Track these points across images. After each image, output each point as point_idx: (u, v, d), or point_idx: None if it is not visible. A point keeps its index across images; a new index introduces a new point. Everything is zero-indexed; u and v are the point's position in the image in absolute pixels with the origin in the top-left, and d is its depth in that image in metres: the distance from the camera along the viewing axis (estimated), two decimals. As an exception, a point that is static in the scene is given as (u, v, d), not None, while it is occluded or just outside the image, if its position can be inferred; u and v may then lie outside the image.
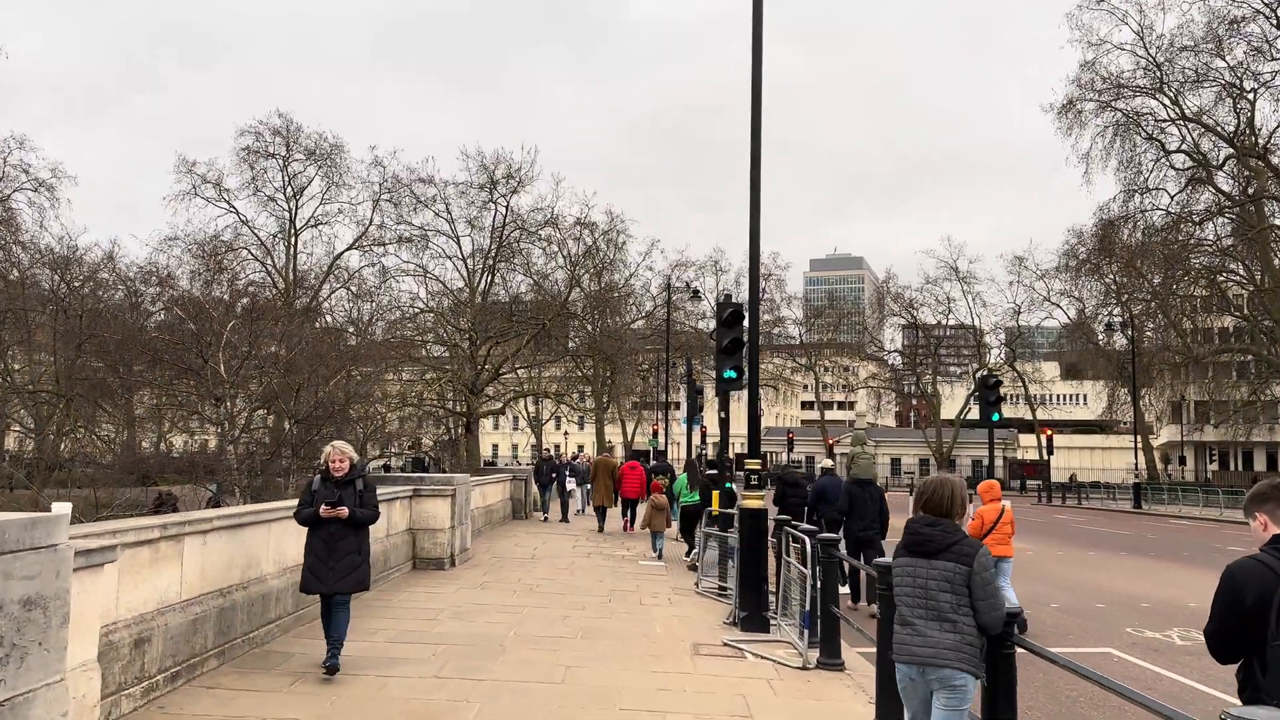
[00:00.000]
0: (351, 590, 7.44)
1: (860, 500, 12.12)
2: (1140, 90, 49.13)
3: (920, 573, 4.30)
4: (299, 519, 7.51)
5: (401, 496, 13.27)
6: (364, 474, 7.73)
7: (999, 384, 22.60)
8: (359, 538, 7.50)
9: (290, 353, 34.17)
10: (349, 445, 7.79)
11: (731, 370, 12.81)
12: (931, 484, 4.59)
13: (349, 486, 7.50)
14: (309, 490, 7.57)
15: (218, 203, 57.22)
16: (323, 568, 7.33)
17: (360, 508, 7.46)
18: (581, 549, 17.70)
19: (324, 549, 7.35)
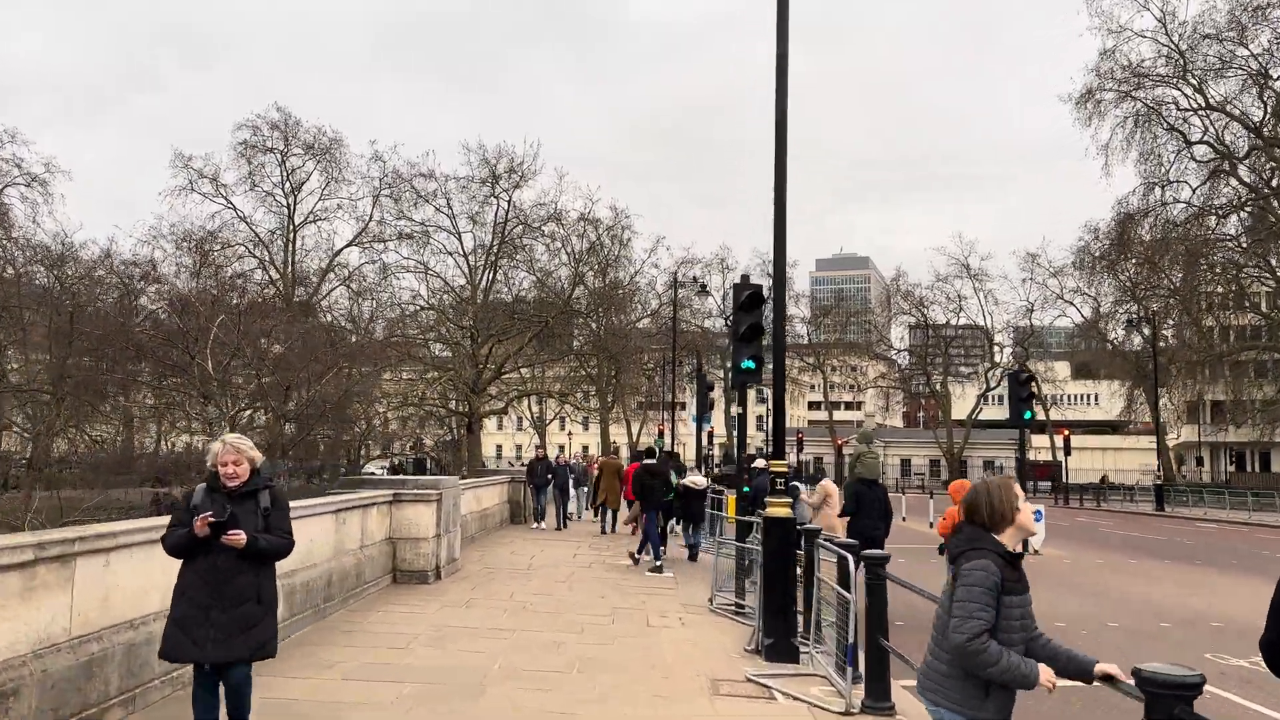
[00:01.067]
0: (247, 658, 5.00)
1: (867, 499, 11.78)
2: (1162, 79, 47.64)
3: (946, 583, 3.85)
4: (167, 545, 5.01)
5: (379, 502, 11.84)
6: (272, 484, 5.33)
7: (1031, 379, 21.16)
8: (259, 578, 5.02)
9: (281, 349, 32.88)
10: (249, 442, 5.24)
11: (750, 360, 11.41)
12: (968, 495, 3.94)
13: (249, 501, 5.07)
14: (186, 505, 5.09)
15: (214, 198, 55.93)
16: (200, 621, 4.84)
17: (263, 533, 5.03)
18: (583, 558, 16.26)
19: (204, 592, 4.86)
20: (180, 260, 41.45)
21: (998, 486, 3.86)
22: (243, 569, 4.94)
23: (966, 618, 3.52)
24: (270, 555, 5.10)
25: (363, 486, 12.46)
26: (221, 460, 5.09)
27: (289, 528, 5.24)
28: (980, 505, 3.79)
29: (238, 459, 5.10)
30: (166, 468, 32.74)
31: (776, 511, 8.90)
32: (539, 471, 22.79)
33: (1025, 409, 20.57)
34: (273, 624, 5.09)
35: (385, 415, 53.81)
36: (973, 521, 3.80)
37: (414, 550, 12.31)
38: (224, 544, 4.84)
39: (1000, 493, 3.81)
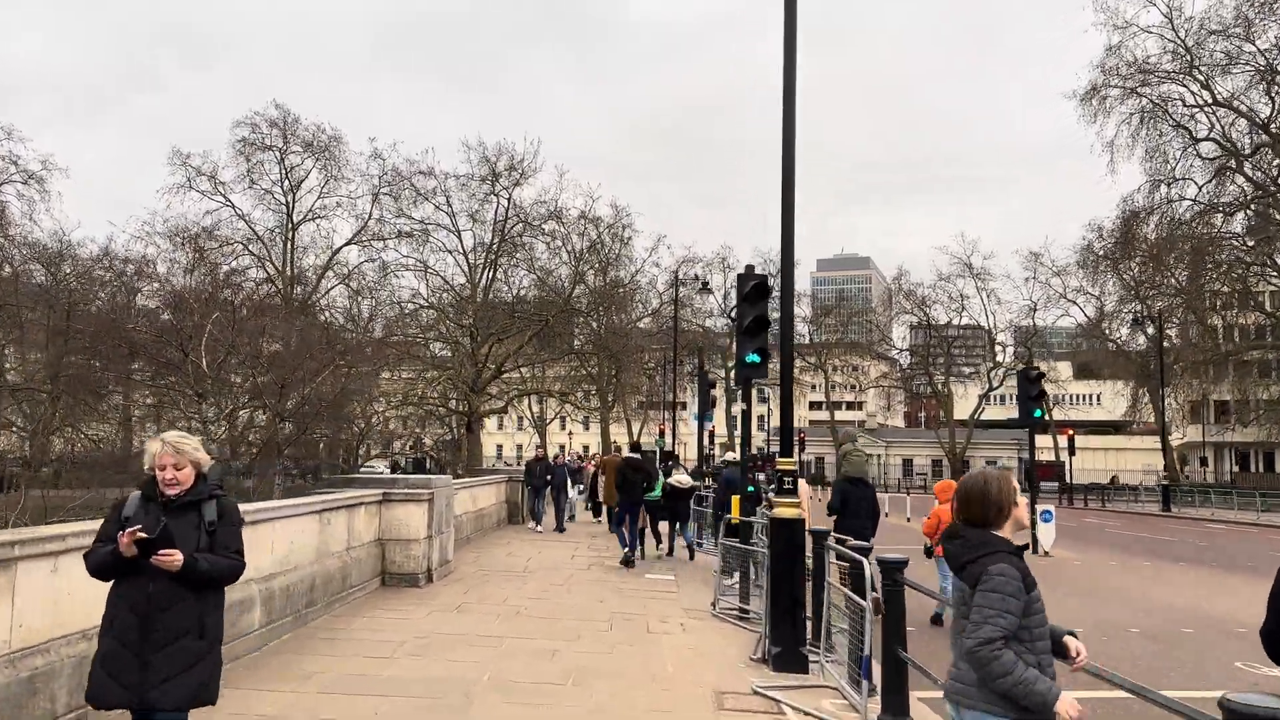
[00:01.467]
0: (184, 705, 4.00)
1: (854, 498, 11.63)
2: (1168, 75, 47.07)
3: (955, 592, 3.59)
4: (89, 565, 4.05)
5: (368, 502, 11.33)
6: (221, 493, 4.25)
7: (1041, 376, 20.58)
8: (202, 608, 4.03)
9: (276, 345, 32.36)
10: (194, 441, 4.28)
11: (755, 354, 10.87)
12: (964, 485, 3.67)
13: (190, 514, 4.07)
14: (116, 515, 4.12)
15: (213, 196, 55.49)
16: (127, 660, 3.92)
17: (206, 552, 4.02)
18: (581, 559, 15.75)
19: (133, 625, 3.93)
20: (174, 257, 40.89)
21: (995, 478, 3.56)
22: (181, 596, 3.95)
23: (981, 623, 3.29)
24: (213, 580, 4.05)
25: (351, 485, 11.96)
26: (159, 463, 4.09)
27: (239, 546, 4.20)
28: (975, 499, 3.52)
29: (178, 461, 4.08)
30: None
31: (784, 512, 8.39)
32: (537, 472, 21.91)
33: (1035, 407, 20.05)
34: (215, 663, 4.12)
35: (384, 414, 53.37)
36: (971, 521, 3.52)
37: (404, 552, 11.80)
38: (156, 566, 3.86)
39: (997, 484, 3.53)
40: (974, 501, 3.51)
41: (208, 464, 4.25)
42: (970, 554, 3.41)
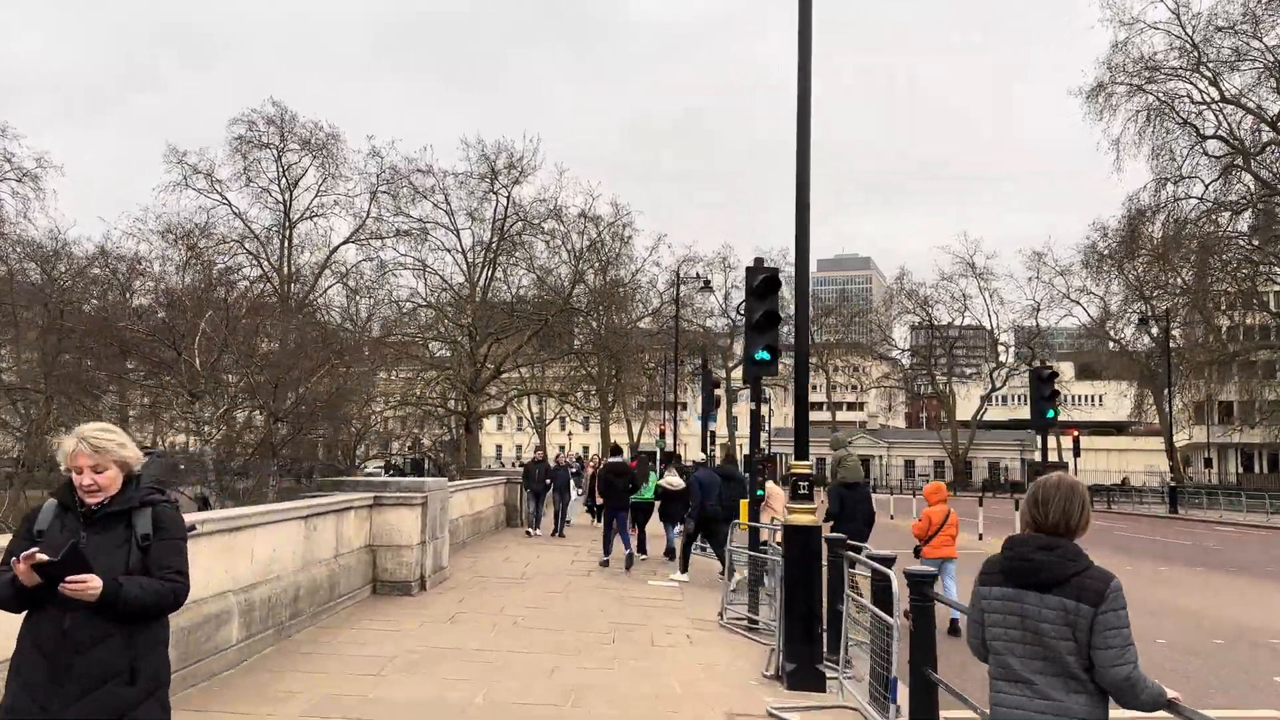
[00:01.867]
0: None
1: (850, 502, 11.78)
2: (1175, 72, 46.56)
3: (1030, 610, 3.17)
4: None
5: (357, 506, 10.78)
6: (161, 498, 3.35)
7: (1054, 376, 20.02)
8: (133, 645, 3.16)
9: (271, 344, 31.83)
10: (120, 436, 3.33)
11: (765, 351, 10.34)
12: (1047, 488, 3.32)
13: (116, 526, 3.23)
14: (27, 530, 3.26)
15: (209, 194, 54.95)
16: (32, 712, 3.08)
17: (139, 574, 3.17)
18: (581, 564, 15.20)
19: (42, 669, 3.09)
20: (167, 254, 40.29)
21: (1082, 488, 3.33)
22: (105, 632, 3.09)
23: (1124, 646, 3.06)
24: (147, 609, 3.15)
25: (341, 489, 11.42)
26: (73, 464, 3.23)
27: (181, 565, 3.28)
28: (1071, 505, 3.24)
29: (97, 462, 3.21)
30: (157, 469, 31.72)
31: (800, 518, 7.85)
32: (537, 475, 20.74)
33: (1048, 408, 19.48)
34: (154, 715, 3.21)
35: (382, 415, 52.84)
36: (1056, 529, 3.23)
37: (396, 559, 11.25)
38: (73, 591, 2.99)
39: (1085, 496, 3.31)
40: (1069, 507, 3.23)
41: (139, 463, 3.35)
42: (1074, 566, 3.13)
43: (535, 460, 21.63)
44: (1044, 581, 3.14)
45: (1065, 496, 3.24)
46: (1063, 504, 3.23)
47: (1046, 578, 3.14)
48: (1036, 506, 3.27)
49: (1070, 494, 3.25)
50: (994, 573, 3.32)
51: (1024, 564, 3.21)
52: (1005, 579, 3.26)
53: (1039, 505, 3.26)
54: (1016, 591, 3.21)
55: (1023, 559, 3.22)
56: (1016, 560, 3.24)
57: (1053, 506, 3.23)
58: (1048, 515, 3.24)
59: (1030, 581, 3.17)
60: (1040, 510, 3.26)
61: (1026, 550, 3.23)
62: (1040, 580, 3.15)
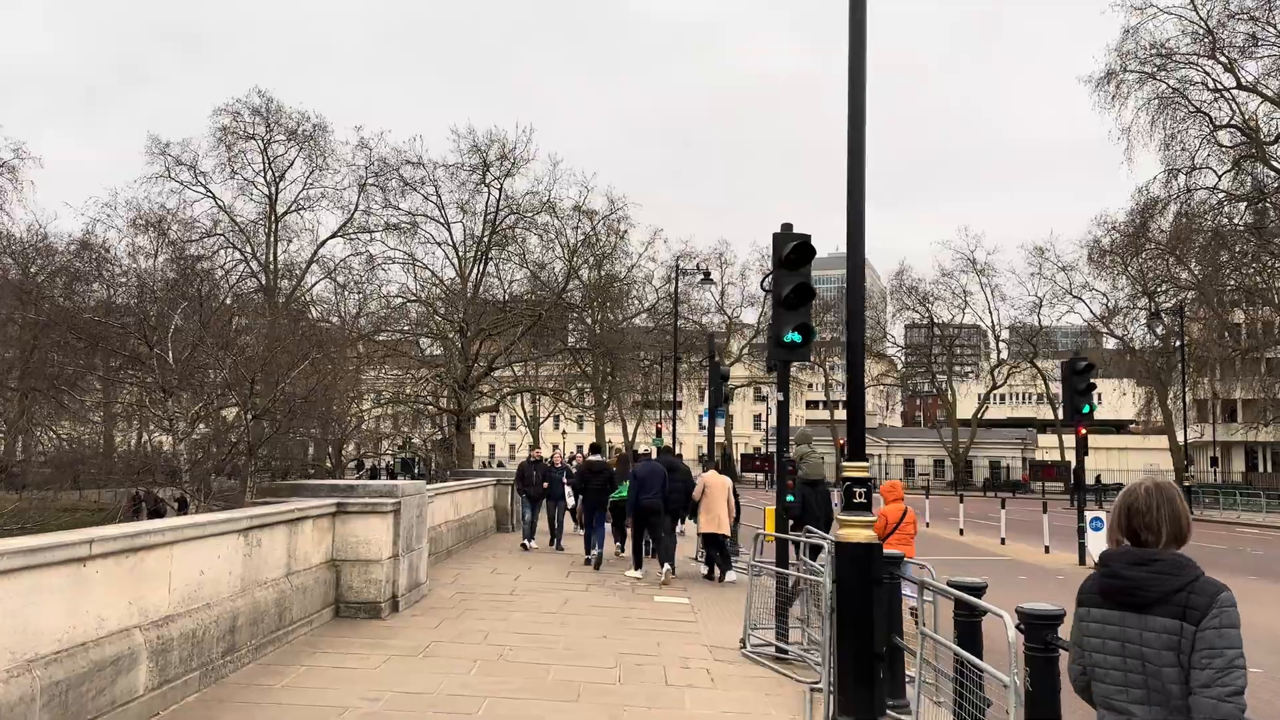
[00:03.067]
0: None
1: (812, 502, 11.67)
2: (1188, 60, 45.09)
3: (1131, 634, 2.86)
4: None
5: (315, 515, 9.16)
6: None
7: (1090, 367, 18.49)
8: None
9: (250, 339, 30.11)
10: None
11: (796, 332, 8.77)
12: (1140, 496, 2.98)
13: None
14: None
15: (193, 186, 53.39)
16: None
17: None
18: (578, 577, 13.60)
19: None
20: (137, 242, 38.44)
21: (1178, 491, 3.05)
22: None
23: (1228, 668, 2.73)
24: None
25: (299, 493, 9.80)
26: None
27: None
28: (1176, 513, 2.96)
29: None
30: (119, 468, 30.09)
31: (854, 534, 6.27)
32: (534, 477, 17.60)
33: (1084, 402, 17.93)
34: None
35: (368, 413, 51.25)
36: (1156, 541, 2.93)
37: (363, 576, 9.64)
38: None
39: (1183, 501, 3.02)
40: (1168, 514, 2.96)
41: None
42: (1177, 580, 2.82)
43: (531, 460, 18.43)
44: (1143, 601, 2.87)
45: (1163, 503, 2.97)
46: (1161, 511, 2.96)
47: (1146, 596, 2.86)
48: (1131, 516, 3.00)
49: (1169, 499, 2.98)
50: (1091, 592, 3.02)
51: (1118, 582, 2.92)
52: (1103, 599, 2.99)
53: (1134, 515, 2.99)
54: (1115, 613, 2.95)
55: (1115, 576, 2.94)
56: (1110, 578, 2.96)
57: (1150, 515, 2.95)
58: (1146, 526, 2.96)
59: (1129, 601, 2.91)
60: (1136, 520, 2.98)
61: (1119, 566, 2.95)
62: (1139, 600, 2.88)
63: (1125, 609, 2.90)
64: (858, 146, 6.71)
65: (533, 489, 17.68)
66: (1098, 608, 2.99)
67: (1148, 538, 2.94)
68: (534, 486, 17.67)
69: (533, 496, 17.68)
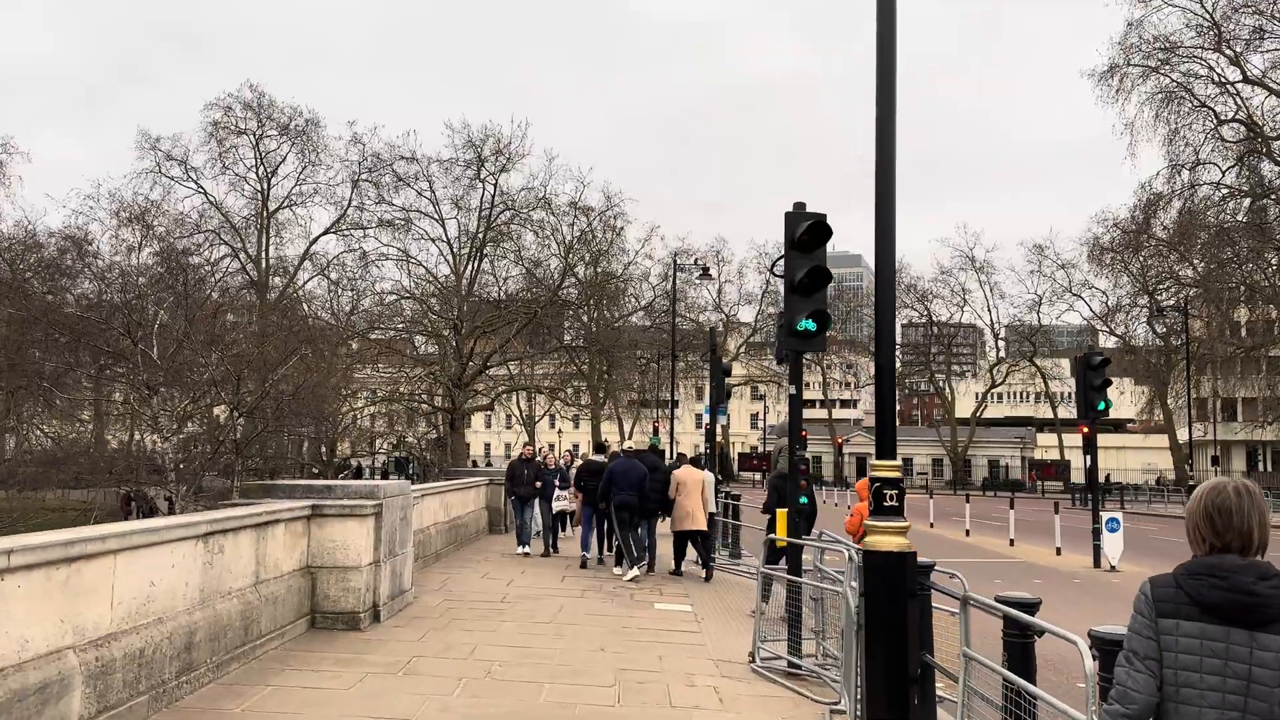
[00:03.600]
0: None
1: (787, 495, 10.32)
2: (1193, 54, 44.45)
3: (1239, 652, 2.58)
4: None
5: (289, 518, 8.43)
6: None
7: (1106, 362, 17.80)
8: None
9: (237, 333, 29.31)
10: None
11: (810, 319, 8.07)
12: (1230, 496, 2.71)
13: None
14: None
15: (184, 182, 52.64)
16: None
17: None
18: (574, 583, 12.89)
19: None
20: (120, 235, 37.54)
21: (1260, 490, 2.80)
22: None
23: None
24: None
25: (273, 494, 9.08)
26: None
27: None
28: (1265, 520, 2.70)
29: None
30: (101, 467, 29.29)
31: (884, 541, 5.56)
32: (525, 477, 16.26)
33: (1099, 399, 17.23)
34: None
35: (362, 411, 50.48)
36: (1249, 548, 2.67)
37: (340, 584, 8.92)
38: None
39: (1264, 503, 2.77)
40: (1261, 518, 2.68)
41: None
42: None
43: (523, 458, 16.80)
44: (1262, 619, 2.57)
45: (1254, 506, 2.69)
46: (1253, 516, 2.68)
47: (1267, 613, 2.57)
48: (1219, 518, 2.70)
49: (1258, 501, 2.71)
50: (1182, 602, 2.65)
51: (1243, 598, 2.59)
52: (1203, 612, 2.64)
53: (1223, 517, 2.69)
54: (1219, 628, 2.62)
55: (1242, 591, 2.59)
56: (1228, 591, 2.61)
57: (1244, 519, 2.67)
58: (1238, 531, 2.66)
59: (1243, 618, 2.59)
60: (1225, 523, 2.68)
61: (1245, 580, 2.60)
62: (1258, 617, 2.58)
63: (1234, 625, 2.62)
64: (887, 159, 6.01)
65: (524, 489, 16.34)
66: (1193, 620, 2.66)
67: (1234, 542, 2.67)
68: (525, 486, 16.36)
69: (523, 497, 16.37)
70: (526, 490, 16.31)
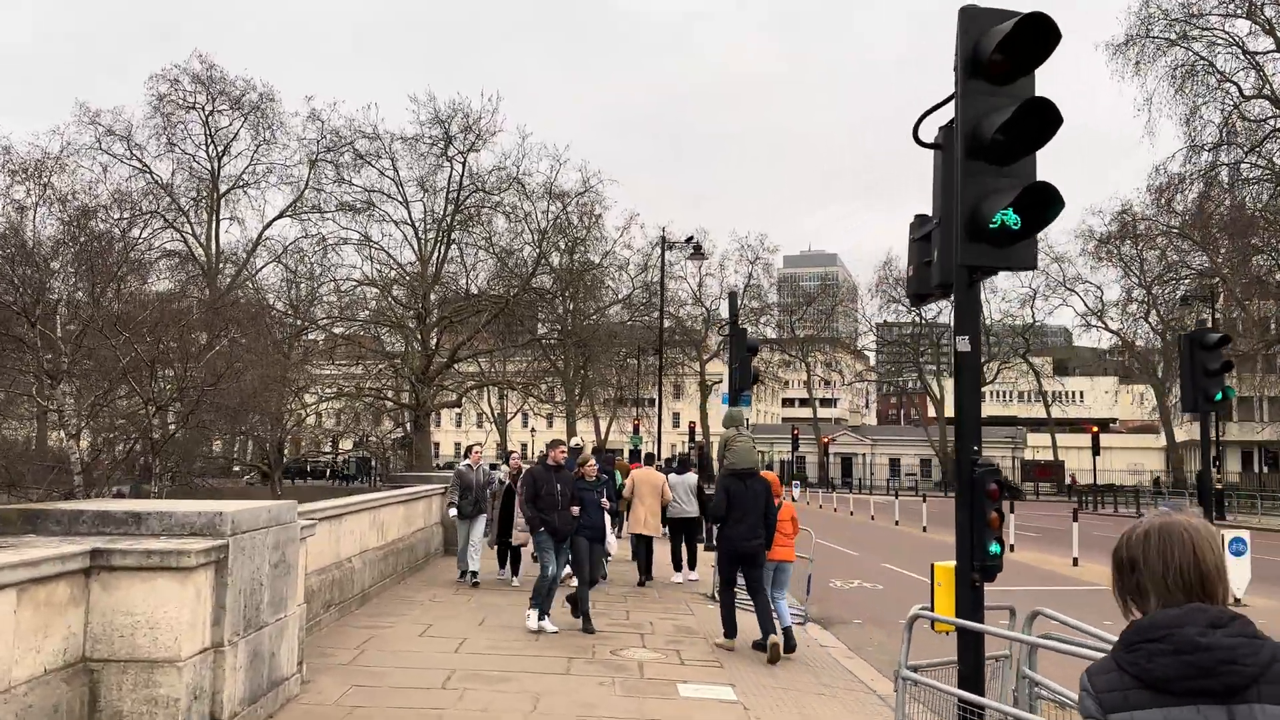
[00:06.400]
0: None
1: (740, 498, 8.84)
2: (1215, 29, 41.28)
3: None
4: None
5: (33, 576, 4.51)
6: None
7: (1225, 341, 14.18)
8: None
9: (153, 311, 25.05)
10: None
11: (1012, 211, 4.23)
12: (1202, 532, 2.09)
13: None
14: None
15: (127, 160, 48.32)
16: None
17: None
18: (552, 642, 9.00)
19: None
20: (12, 194, 32.70)
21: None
22: None
23: None
24: None
25: (40, 526, 5.14)
26: None
27: None
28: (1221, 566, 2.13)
29: None
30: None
31: None
32: (556, 496, 9.75)
33: (1215, 387, 13.57)
34: None
35: (315, 408, 46.37)
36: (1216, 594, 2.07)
37: (143, 690, 4.98)
38: None
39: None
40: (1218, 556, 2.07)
41: None
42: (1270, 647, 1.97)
43: (549, 465, 10.09)
44: (1234, 685, 1.93)
45: (1212, 540, 2.08)
46: (1216, 551, 2.08)
47: (1237, 678, 1.93)
48: (1189, 557, 2.05)
49: (1210, 540, 2.08)
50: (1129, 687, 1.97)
51: (1200, 658, 1.93)
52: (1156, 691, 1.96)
53: (1195, 554, 2.05)
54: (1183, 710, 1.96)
55: (1197, 648, 1.94)
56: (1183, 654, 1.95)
57: (1201, 557, 2.04)
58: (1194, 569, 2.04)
59: (1210, 687, 1.94)
60: (1197, 563, 2.04)
61: (1194, 633, 1.97)
62: (1228, 683, 1.93)
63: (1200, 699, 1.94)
64: None
65: (559, 518, 10.07)
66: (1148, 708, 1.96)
67: (1198, 586, 2.03)
68: (559, 512, 10.16)
69: (559, 531, 10.15)
70: (564, 520, 9.76)
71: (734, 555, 8.93)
